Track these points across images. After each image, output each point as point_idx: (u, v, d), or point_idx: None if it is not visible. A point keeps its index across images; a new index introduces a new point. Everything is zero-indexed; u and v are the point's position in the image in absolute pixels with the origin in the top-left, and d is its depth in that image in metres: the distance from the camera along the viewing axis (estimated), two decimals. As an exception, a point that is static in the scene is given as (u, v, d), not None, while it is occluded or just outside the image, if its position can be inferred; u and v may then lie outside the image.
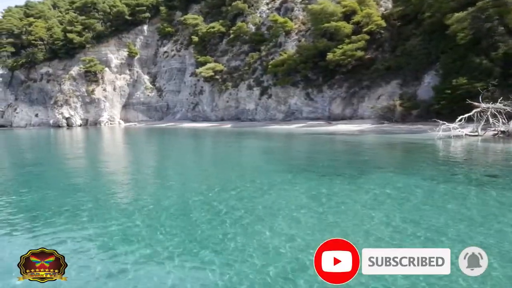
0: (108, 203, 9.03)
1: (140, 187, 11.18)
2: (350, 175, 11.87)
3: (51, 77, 75.38)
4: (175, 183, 11.52)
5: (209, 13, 66.58)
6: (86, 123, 73.11)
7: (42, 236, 6.69)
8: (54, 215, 8.03)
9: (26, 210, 8.65)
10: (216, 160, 17.95)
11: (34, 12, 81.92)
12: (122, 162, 17.94)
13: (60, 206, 8.53)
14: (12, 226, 7.41)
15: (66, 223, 7.43)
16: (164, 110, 70.09)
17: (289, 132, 33.84)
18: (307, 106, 42.25)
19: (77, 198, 9.35)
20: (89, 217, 7.74)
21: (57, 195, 10.00)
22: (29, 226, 7.40)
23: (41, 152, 24.87)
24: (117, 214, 7.86)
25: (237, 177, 11.96)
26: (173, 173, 13.85)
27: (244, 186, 10.49)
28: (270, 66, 44.81)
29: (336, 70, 39.97)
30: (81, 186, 11.31)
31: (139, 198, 9.46)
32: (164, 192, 10.01)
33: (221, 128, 46.72)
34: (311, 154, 18.25)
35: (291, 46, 45.91)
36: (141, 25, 74.75)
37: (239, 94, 51.14)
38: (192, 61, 63.84)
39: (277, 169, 13.45)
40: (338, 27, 39.30)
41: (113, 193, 10.47)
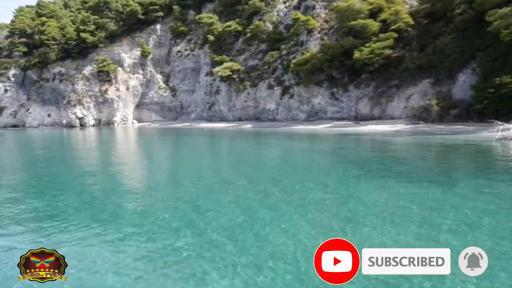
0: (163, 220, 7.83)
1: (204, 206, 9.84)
2: (442, 182, 10.57)
3: (64, 77, 74.30)
4: (249, 200, 9.45)
5: (224, 12, 65.32)
6: (99, 123, 72.01)
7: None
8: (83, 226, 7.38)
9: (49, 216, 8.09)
10: (277, 167, 15.34)
11: (46, 11, 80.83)
12: (154, 169, 16.49)
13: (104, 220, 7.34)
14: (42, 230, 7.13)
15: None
16: (178, 110, 68.85)
17: (321, 133, 32.46)
18: (332, 106, 40.89)
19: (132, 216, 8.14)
20: (148, 237, 6.76)
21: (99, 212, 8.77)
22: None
23: (59, 154, 23.72)
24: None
25: (321, 187, 10.65)
26: (236, 186, 11.49)
27: (345, 199, 9.21)
28: (292, 65, 43.46)
29: (362, 69, 38.58)
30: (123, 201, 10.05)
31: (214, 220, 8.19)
32: (255, 213, 8.71)
33: (241, 128, 45.41)
34: (372, 157, 16.88)
35: (313, 44, 44.53)
36: (154, 24, 73.53)
37: (258, 94, 49.81)
38: (207, 60, 62.58)
39: (356, 174, 12.14)
40: (365, 24, 37.92)
41: (161, 210, 8.90)
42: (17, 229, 7.35)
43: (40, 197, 10.21)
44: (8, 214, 8.41)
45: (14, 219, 8.02)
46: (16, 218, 8.11)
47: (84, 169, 15.73)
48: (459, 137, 22.89)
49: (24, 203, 9.69)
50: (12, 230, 7.29)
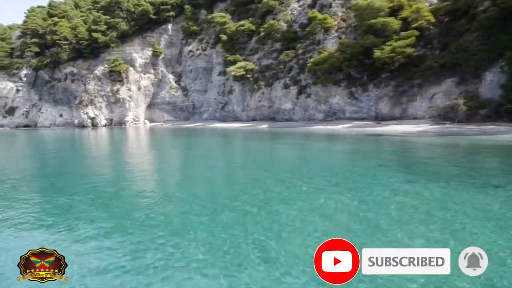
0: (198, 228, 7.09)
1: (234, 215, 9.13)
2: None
3: (76, 77, 74.11)
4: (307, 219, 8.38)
5: (236, 11, 64.65)
6: (110, 123, 71.71)
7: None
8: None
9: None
10: (318, 171, 13.73)
11: (57, 12, 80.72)
12: (175, 171, 15.70)
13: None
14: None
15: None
16: (190, 110, 68.33)
17: (342, 133, 31.62)
18: (351, 106, 40.04)
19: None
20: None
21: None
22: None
23: (74, 154, 23.19)
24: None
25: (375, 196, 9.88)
26: (283, 197, 10.05)
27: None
28: (309, 64, 42.68)
29: (382, 68, 37.70)
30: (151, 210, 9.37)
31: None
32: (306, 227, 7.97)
33: (257, 128, 44.67)
34: (417, 159, 16.10)
35: (330, 43, 43.71)
36: (165, 24, 73.09)
37: (274, 94, 49.07)
38: (219, 60, 61.96)
39: (410, 179, 11.36)
40: (386, 23, 37.03)
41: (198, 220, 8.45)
42: (31, 230, 7.41)
43: (53, 198, 10.15)
44: (21, 215, 8.39)
45: (28, 220, 8.02)
46: (30, 219, 8.13)
47: (100, 171, 15.24)
48: (496, 137, 21.98)
49: (40, 203, 9.71)
50: (26, 231, 7.34)
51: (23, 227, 7.53)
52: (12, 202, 9.80)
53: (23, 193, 11.04)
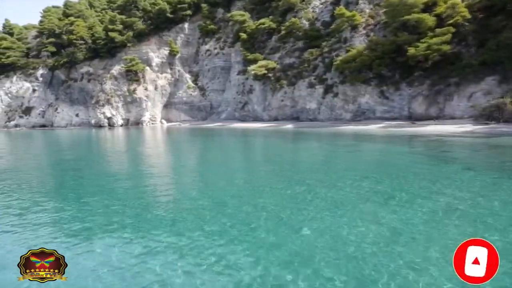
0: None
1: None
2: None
3: (92, 77, 73.38)
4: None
5: (254, 9, 63.36)
6: (127, 123, 70.88)
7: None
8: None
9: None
10: (410, 178, 11.84)
11: (73, 11, 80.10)
12: (206, 174, 14.38)
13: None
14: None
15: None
16: (207, 109, 67.22)
17: (378, 134, 30.19)
18: (381, 105, 38.58)
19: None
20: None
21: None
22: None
23: (95, 156, 22.09)
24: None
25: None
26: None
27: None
28: (337, 62, 41.26)
29: (415, 66, 36.20)
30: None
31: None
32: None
33: (281, 128, 43.36)
34: (501, 161, 14.75)
35: (358, 41, 42.25)
36: (182, 23, 72.02)
37: (297, 93, 47.72)
38: (238, 59, 60.75)
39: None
40: (421, 19, 35.50)
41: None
42: (45, 230, 7.50)
43: (69, 200, 10.17)
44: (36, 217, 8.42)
45: (43, 221, 8.09)
46: (46, 220, 8.20)
47: (128, 174, 14.09)
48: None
49: (61, 206, 9.66)
50: (39, 232, 7.44)
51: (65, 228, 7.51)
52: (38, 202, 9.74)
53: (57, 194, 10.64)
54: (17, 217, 8.52)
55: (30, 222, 8.04)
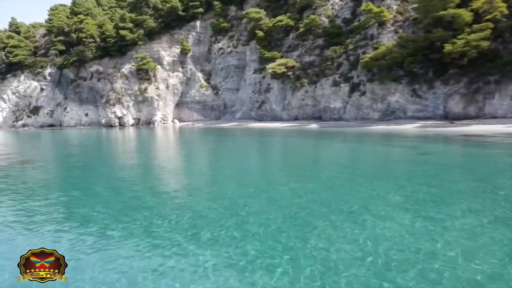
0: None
1: None
2: None
3: (102, 76, 71.15)
4: None
5: (269, 7, 61.24)
6: (138, 122, 68.72)
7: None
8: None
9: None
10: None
11: (81, 9, 77.76)
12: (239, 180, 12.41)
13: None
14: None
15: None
16: (221, 109, 65.11)
17: (422, 134, 28.20)
18: (413, 104, 36.65)
19: None
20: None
21: None
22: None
23: (112, 160, 20.00)
24: None
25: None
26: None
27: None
28: (365, 60, 39.29)
29: (450, 63, 34.30)
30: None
31: None
32: None
33: (305, 128, 41.40)
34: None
35: (386, 38, 40.30)
36: (194, 21, 69.83)
37: (319, 92, 45.75)
38: (254, 57, 58.70)
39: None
40: (457, 14, 33.55)
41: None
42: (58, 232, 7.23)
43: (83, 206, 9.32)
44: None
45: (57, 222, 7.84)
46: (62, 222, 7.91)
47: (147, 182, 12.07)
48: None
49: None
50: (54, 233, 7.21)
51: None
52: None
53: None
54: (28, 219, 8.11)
55: (42, 224, 7.72)
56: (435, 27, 35.26)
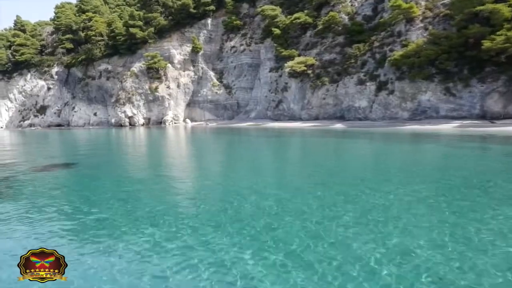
0: None
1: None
2: None
3: (111, 74, 68.83)
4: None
5: (284, 4, 59.20)
6: (148, 122, 66.52)
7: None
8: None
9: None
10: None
11: (89, 7, 75.27)
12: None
13: None
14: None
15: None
16: (234, 108, 62.99)
17: (471, 134, 26.36)
18: (447, 103, 34.81)
19: None
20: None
21: None
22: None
23: (133, 161, 17.90)
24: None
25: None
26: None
27: None
28: (394, 57, 37.41)
29: (487, 60, 32.50)
30: None
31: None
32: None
33: (330, 128, 39.44)
34: None
35: (415, 35, 38.42)
36: (205, 18, 67.60)
37: (341, 90, 43.85)
38: (269, 55, 56.68)
39: None
40: (496, 9, 31.71)
41: None
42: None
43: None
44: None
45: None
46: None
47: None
48: None
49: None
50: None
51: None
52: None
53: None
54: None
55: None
56: (470, 23, 33.42)
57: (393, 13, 39.41)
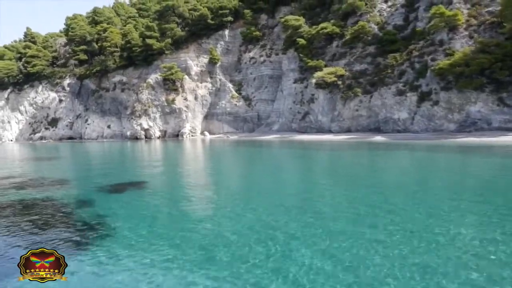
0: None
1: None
2: None
3: (126, 86, 66.04)
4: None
5: (305, 14, 57.11)
6: (164, 135, 63.50)
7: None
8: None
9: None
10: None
11: (102, 18, 73.06)
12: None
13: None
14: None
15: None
16: (255, 121, 60.17)
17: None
18: (500, 114, 32.23)
19: None
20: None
21: None
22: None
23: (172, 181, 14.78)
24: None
25: None
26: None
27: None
28: (438, 67, 34.94)
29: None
30: None
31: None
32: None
33: (369, 140, 36.55)
34: None
35: (459, 43, 36.11)
36: (222, 29, 65.42)
37: (376, 102, 41.33)
38: (292, 66, 54.29)
39: None
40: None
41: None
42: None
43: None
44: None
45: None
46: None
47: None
48: None
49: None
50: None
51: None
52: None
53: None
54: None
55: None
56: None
57: (435, 21, 37.10)
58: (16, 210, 10.76)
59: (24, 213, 10.23)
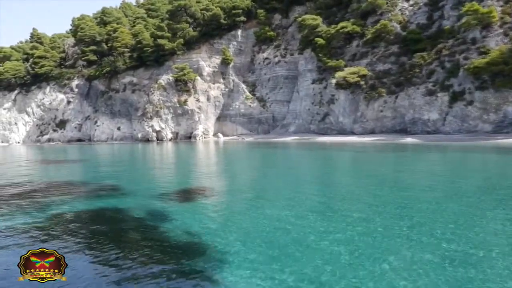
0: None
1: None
2: None
3: (136, 87, 63.91)
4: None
5: (321, 13, 55.31)
6: (176, 137, 61.40)
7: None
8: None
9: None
10: None
11: (111, 19, 70.96)
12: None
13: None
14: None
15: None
16: (270, 122, 58.22)
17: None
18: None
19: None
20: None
21: None
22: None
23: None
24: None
25: None
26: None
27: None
28: (473, 66, 33.19)
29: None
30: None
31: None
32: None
33: (400, 142, 34.63)
34: None
35: (494, 41, 34.41)
36: (235, 30, 63.53)
37: (404, 102, 39.55)
38: (310, 66, 52.43)
39: None
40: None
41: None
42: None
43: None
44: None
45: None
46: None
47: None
48: None
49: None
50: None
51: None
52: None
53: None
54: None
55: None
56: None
57: (467, 18, 35.38)
58: (95, 227, 8.69)
59: (113, 237, 8.18)
